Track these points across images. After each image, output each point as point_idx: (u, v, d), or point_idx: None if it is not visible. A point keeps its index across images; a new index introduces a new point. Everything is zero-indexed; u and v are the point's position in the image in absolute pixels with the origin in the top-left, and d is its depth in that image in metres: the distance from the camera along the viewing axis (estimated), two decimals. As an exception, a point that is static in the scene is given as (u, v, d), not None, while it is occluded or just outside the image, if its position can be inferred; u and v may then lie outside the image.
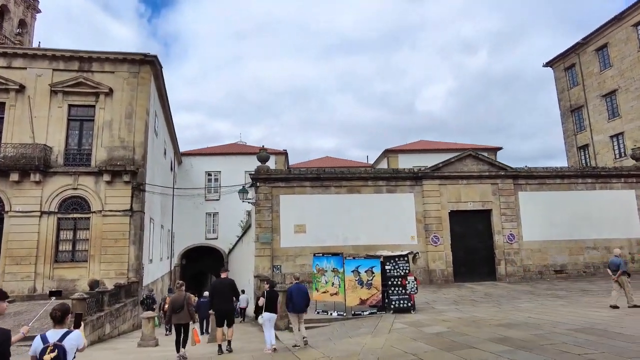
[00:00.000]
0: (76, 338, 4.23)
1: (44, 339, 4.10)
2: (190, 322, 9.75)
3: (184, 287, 10.20)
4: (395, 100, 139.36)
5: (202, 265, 42.10)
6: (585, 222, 21.59)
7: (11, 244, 17.35)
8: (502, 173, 20.98)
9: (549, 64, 37.96)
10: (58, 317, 4.25)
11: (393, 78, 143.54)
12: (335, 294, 12.78)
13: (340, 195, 20.21)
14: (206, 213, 40.03)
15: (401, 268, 12.97)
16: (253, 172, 19.78)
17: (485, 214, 20.98)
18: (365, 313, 12.57)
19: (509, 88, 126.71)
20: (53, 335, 4.13)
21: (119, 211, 18.22)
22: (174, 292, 10.91)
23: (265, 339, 9.47)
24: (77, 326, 4.49)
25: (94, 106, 19.16)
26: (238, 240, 32.37)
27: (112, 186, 18.40)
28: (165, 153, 28.23)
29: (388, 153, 37.51)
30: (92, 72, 19.32)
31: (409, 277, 12.83)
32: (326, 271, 13.11)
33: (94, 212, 18.18)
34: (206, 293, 20.44)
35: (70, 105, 19.05)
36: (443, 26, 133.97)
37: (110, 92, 19.21)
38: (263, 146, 20.22)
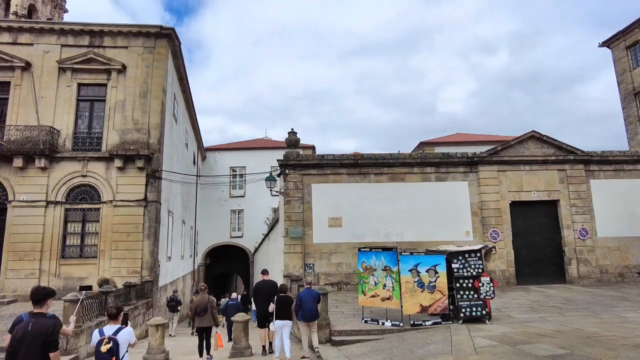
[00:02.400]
0: (128, 333, 4.82)
1: (101, 333, 4.71)
2: (214, 326, 9.70)
3: (207, 290, 10.28)
4: (414, 102, 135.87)
5: (226, 265, 40.15)
6: (673, 216, 18.18)
7: (15, 237, 15.51)
8: (571, 157, 17.84)
9: (606, 43, 34.08)
10: (113, 314, 4.93)
11: (411, 80, 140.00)
12: (388, 298, 10.16)
13: (381, 184, 17.54)
14: (231, 210, 38.08)
15: (472, 266, 10.23)
16: (281, 159, 17.36)
17: (552, 206, 17.89)
18: (427, 323, 9.89)
19: (530, 88, 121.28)
20: (108, 329, 4.74)
21: (131, 201, 16.13)
22: (196, 295, 10.88)
23: (274, 347, 8.89)
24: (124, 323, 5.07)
25: (105, 85, 17.19)
26: (264, 238, 30.14)
27: (124, 173, 16.34)
28: (187, 145, 26.24)
29: (423, 146, 34.49)
30: (103, 48, 17.36)
31: (482, 278, 10.08)
32: (375, 270, 10.50)
33: (105, 202, 16.16)
34: (234, 295, 18.13)
35: (79, 84, 17.12)
36: (461, 27, 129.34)
37: (123, 69, 17.20)
38: (292, 129, 17.81)
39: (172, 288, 20.54)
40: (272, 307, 9.01)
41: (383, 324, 10.02)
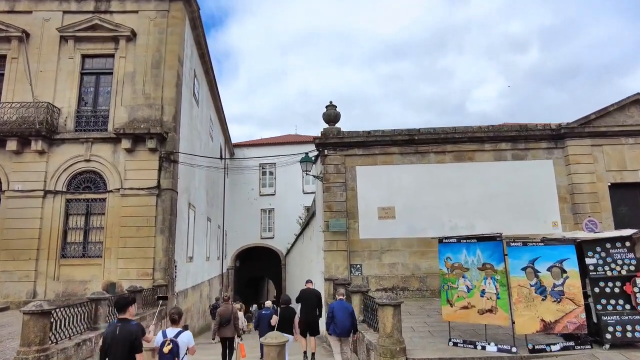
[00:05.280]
0: (187, 337, 5.15)
1: (164, 335, 5.07)
2: (236, 337, 9.98)
3: (231, 300, 10.58)
4: (444, 103, 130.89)
5: (257, 268, 37.46)
6: None
7: (7, 233, 13.15)
8: (690, 126, 13.92)
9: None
10: (176, 319, 5.31)
11: (440, 81, 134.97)
12: (489, 310, 6.86)
13: (444, 165, 14.18)
14: (261, 209, 35.40)
15: (619, 261, 6.79)
16: (319, 136, 14.32)
17: (665, 189, 14.01)
18: (554, 348, 6.52)
19: (564, 84, 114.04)
20: (170, 332, 5.09)
21: (142, 189, 13.49)
22: (220, 304, 11.32)
23: None
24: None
25: (112, 55, 14.71)
26: (297, 238, 27.20)
27: (133, 156, 13.74)
28: (211, 135, 23.70)
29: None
30: (110, 13, 14.92)
31: (639, 279, 6.63)
32: (468, 270, 7.23)
33: (111, 190, 13.60)
34: (268, 303, 15.19)
35: (83, 56, 14.73)
36: (489, 26, 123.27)
37: (133, 37, 14.69)
38: (331, 102, 14.74)
39: (195, 293, 17.85)
40: (275, 320, 8.82)
41: (484, 348, 6.73)
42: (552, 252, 6.81)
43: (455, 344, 7.03)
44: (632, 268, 6.70)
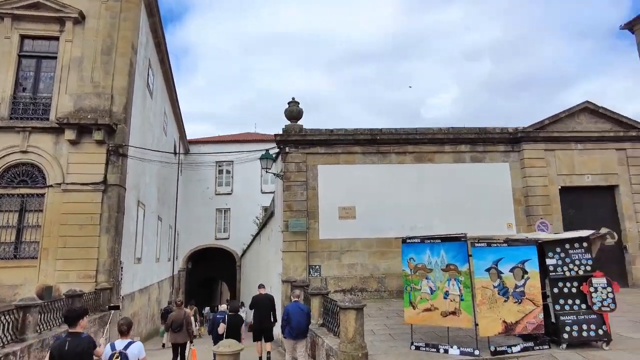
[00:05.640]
0: (138, 348, 4.91)
1: (112, 347, 4.83)
2: (188, 342, 9.85)
3: (183, 305, 10.79)
4: (403, 108, 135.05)
5: (210, 270, 36.27)
6: None
7: None
8: (633, 134, 14.74)
9: (627, 25, 31.45)
10: (124, 330, 5.06)
11: (401, 87, 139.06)
12: (453, 312, 6.72)
13: (405, 165, 14.16)
14: (216, 209, 34.34)
15: (577, 262, 6.88)
16: (281, 133, 13.87)
17: (609, 192, 14.73)
18: (515, 350, 6.47)
19: (514, 96, 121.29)
20: (119, 344, 4.88)
21: (86, 184, 12.44)
22: (172, 308, 11.39)
23: None
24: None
25: (57, 38, 13.51)
26: (254, 239, 26.49)
27: (78, 148, 12.65)
28: (165, 130, 22.58)
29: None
30: (55, -8, 13.71)
31: (594, 279, 6.73)
32: (431, 271, 7.07)
33: (51, 185, 12.44)
34: (222, 307, 14.51)
35: (22, 37, 13.42)
36: (447, 36, 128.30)
37: (81, 20, 13.57)
38: (293, 98, 14.35)
39: (142, 297, 16.83)
40: (222, 328, 8.57)
41: (446, 351, 6.57)
42: (515, 252, 6.78)
43: (417, 348, 6.84)
44: (588, 268, 6.80)
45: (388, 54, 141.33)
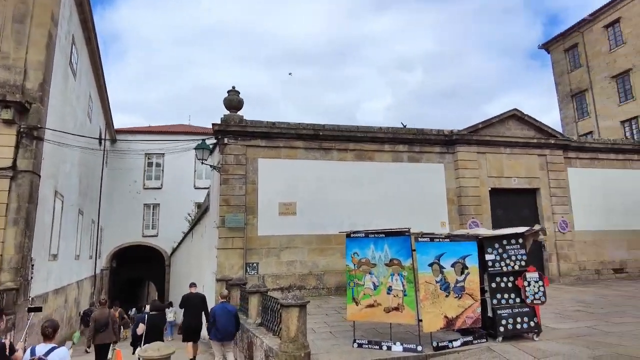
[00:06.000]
0: (62, 354, 4.52)
1: (32, 352, 4.46)
2: (112, 343, 9.42)
3: (107, 304, 10.06)
4: (339, 112, 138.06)
5: (137, 269, 34.03)
6: (642, 209, 17.14)
7: None
8: (552, 142, 15.95)
9: (545, 45, 34.42)
10: (49, 333, 4.60)
11: (339, 90, 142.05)
12: (396, 308, 6.64)
13: (346, 162, 14.11)
14: (144, 204, 32.29)
15: (513, 258, 7.11)
16: (219, 123, 13.15)
17: (531, 194, 15.82)
18: (455, 344, 6.53)
19: (442, 105, 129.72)
20: (41, 349, 4.45)
21: (-10, 170, 10.87)
22: (96, 309, 10.87)
23: None
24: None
25: (-44, 0, 11.70)
26: (185, 236, 25.23)
27: (-20, 128, 11.02)
28: (90, 114, 20.67)
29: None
30: (-44, -53, 11.85)
31: (528, 274, 7.00)
32: (375, 266, 6.94)
33: (-55, 170, 10.70)
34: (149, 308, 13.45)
35: None
36: (383, 45, 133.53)
37: (-13, -19, 11.85)
38: (234, 87, 13.68)
39: (58, 298, 15.20)
40: (141, 329, 8.05)
41: (389, 348, 6.46)
42: (456, 248, 6.86)
43: (360, 345, 6.66)
44: (523, 263, 7.06)
45: (326, 57, 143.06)
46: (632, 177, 17.24)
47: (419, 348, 6.31)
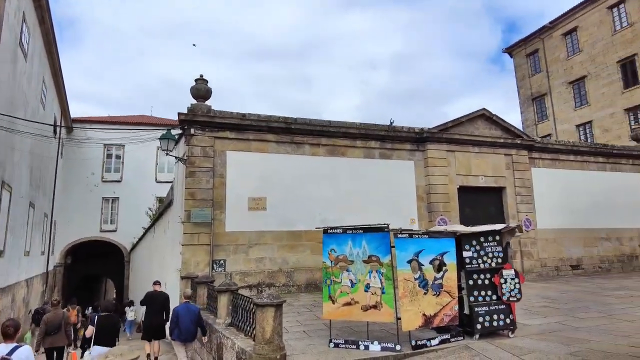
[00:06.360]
0: (25, 353, 4.39)
1: None
2: (67, 346, 9.11)
3: (60, 305, 9.83)
4: (307, 109, 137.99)
5: (95, 266, 32.44)
6: (598, 209, 17.96)
7: None
8: (518, 142, 16.37)
9: (508, 50, 35.54)
10: (10, 333, 4.48)
11: (306, 87, 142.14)
12: (374, 306, 6.45)
13: (319, 157, 13.84)
14: (103, 198, 30.77)
15: (490, 255, 7.09)
16: (185, 112, 12.52)
17: (498, 193, 16.18)
18: (433, 343, 6.42)
19: (407, 104, 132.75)
20: (3, 348, 4.34)
21: None
22: (49, 309, 10.17)
23: None
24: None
25: None
26: (146, 231, 24.22)
27: None
28: (43, 101, 19.30)
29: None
30: None
31: (504, 271, 7.01)
32: (352, 262, 6.72)
33: None
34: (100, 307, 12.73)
35: None
36: (351, 44, 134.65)
37: None
38: (201, 75, 13.07)
39: (4, 297, 14.07)
40: (90, 331, 7.78)
41: (367, 347, 6.26)
42: (435, 244, 6.75)
43: (336, 345, 6.42)
44: (499, 260, 7.06)
45: (294, 54, 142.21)
46: (588, 178, 18.01)
47: (398, 347, 6.14)
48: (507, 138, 16.16)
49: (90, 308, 21.90)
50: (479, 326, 6.67)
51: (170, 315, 9.78)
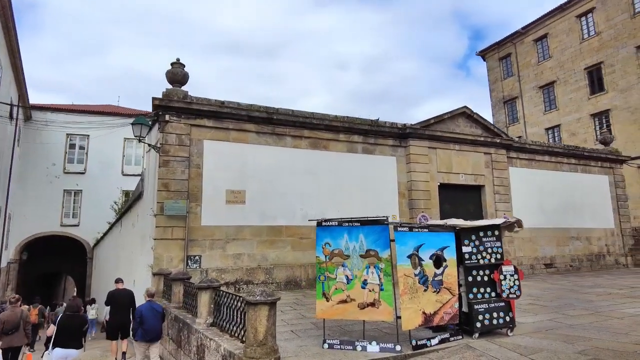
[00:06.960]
0: None
1: None
2: (24, 346, 8.93)
3: (20, 303, 9.11)
4: (276, 105, 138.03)
5: (54, 263, 30.60)
6: (569, 209, 18.41)
7: None
8: (497, 141, 16.45)
9: (482, 53, 36.17)
10: None
11: (274, 84, 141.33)
12: (372, 304, 6.04)
13: (300, 150, 13.33)
14: (64, 190, 29.10)
15: (490, 250, 6.82)
16: (160, 97, 11.71)
17: (477, 191, 16.20)
18: (433, 342, 6.07)
19: (374, 106, 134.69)
20: None
21: None
22: (6, 307, 9.59)
23: None
24: None
25: None
26: (112, 226, 22.97)
27: None
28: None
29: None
30: None
31: (504, 267, 6.75)
32: (348, 257, 6.28)
33: None
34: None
35: None
36: (322, 42, 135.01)
37: None
38: (178, 59, 12.28)
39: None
40: (51, 330, 7.34)
41: (364, 348, 5.84)
42: (435, 239, 6.41)
43: (331, 346, 5.96)
44: (498, 256, 6.81)
45: (262, 50, 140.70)
46: (562, 178, 18.40)
47: (398, 347, 5.75)
48: (487, 137, 16.20)
49: (47, 308, 20.52)
50: (478, 324, 6.38)
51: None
